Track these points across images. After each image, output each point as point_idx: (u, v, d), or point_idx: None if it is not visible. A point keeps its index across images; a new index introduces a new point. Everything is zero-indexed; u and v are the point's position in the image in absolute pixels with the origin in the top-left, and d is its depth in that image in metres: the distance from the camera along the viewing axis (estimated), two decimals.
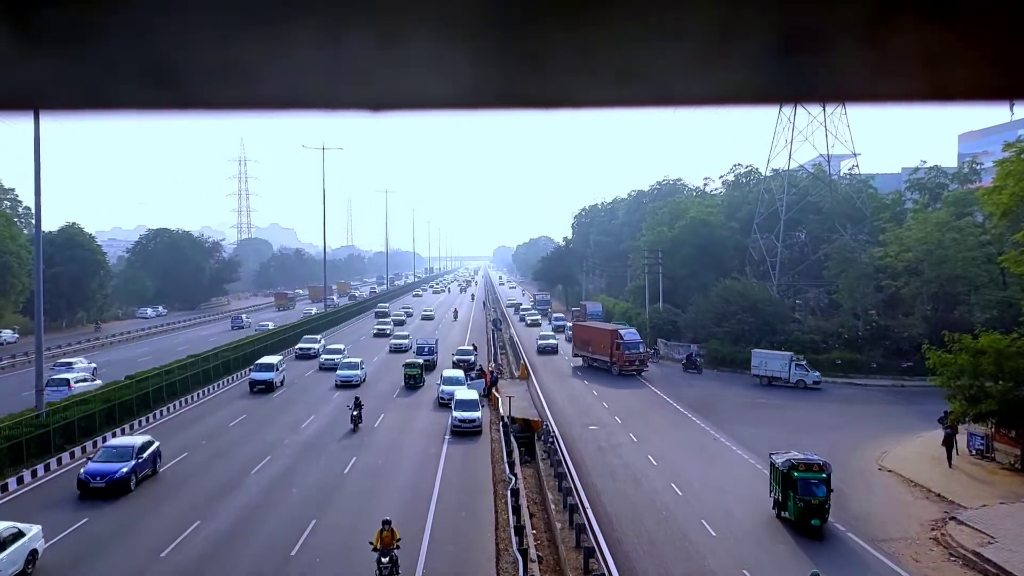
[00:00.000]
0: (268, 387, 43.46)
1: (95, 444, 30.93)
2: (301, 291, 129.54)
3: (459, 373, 42.91)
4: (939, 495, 26.00)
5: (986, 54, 0.82)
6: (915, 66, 0.83)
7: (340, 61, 0.83)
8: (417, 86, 0.86)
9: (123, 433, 32.94)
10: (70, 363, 48.85)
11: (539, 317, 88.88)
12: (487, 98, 0.86)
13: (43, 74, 0.84)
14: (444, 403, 37.66)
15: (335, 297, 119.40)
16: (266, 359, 46.96)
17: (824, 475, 22.30)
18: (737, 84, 0.85)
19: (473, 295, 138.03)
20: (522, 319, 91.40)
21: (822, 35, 0.81)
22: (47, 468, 27.61)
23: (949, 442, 30.25)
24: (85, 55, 0.83)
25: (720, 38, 0.81)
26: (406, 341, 61.24)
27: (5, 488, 25.27)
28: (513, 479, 24.87)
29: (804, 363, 47.96)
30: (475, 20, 0.80)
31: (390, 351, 60.03)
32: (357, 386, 43.79)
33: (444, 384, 39.93)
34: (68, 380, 40.49)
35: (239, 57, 0.83)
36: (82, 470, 24.97)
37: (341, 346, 57.58)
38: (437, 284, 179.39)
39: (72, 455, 29.35)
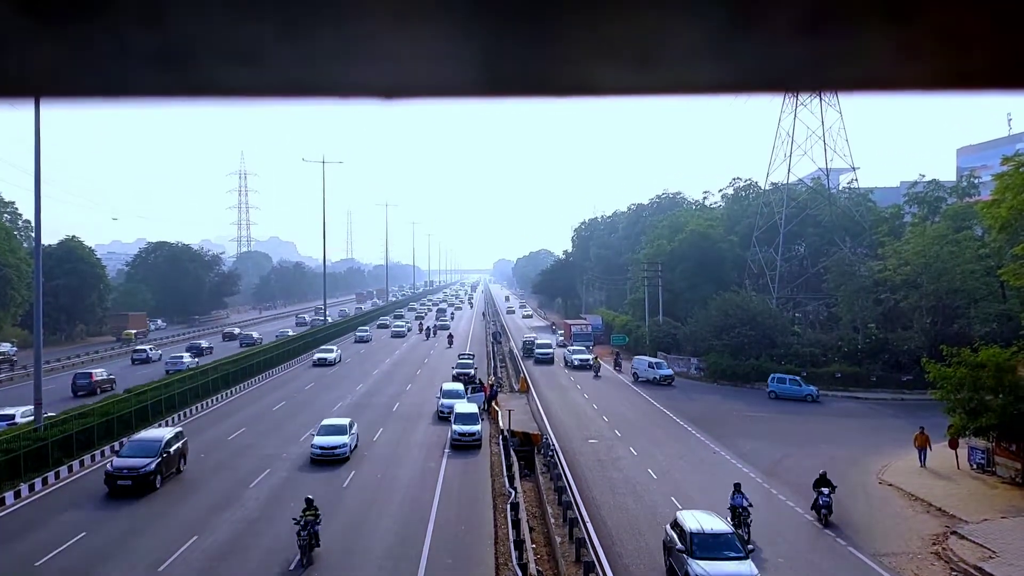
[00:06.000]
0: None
1: (93, 458, 30.91)
2: (372, 291, 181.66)
3: (459, 386, 42.83)
4: (940, 509, 25.90)
5: (1012, 37, 0.79)
6: (937, 50, 0.80)
7: (352, 45, 0.81)
8: (430, 72, 0.84)
9: (121, 447, 32.92)
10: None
11: (587, 355, 62.06)
12: (502, 84, 0.85)
13: (47, 58, 0.82)
14: (444, 417, 37.61)
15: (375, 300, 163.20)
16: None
17: None
18: (755, 70, 0.83)
19: (451, 336, 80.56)
20: (560, 361, 64.81)
21: (842, 18, 0.79)
22: (45, 482, 27.50)
23: (922, 442, 30.98)
24: (91, 37, 0.80)
25: (738, 22, 0.79)
26: None
27: (2, 502, 25.16)
28: (513, 493, 24.78)
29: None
30: (492, 2, 0.78)
31: None
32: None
33: (443, 398, 39.89)
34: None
35: (250, 40, 0.81)
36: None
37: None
38: (400, 321, 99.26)
39: (70, 469, 29.25)
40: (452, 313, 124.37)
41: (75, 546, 21.20)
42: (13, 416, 36.85)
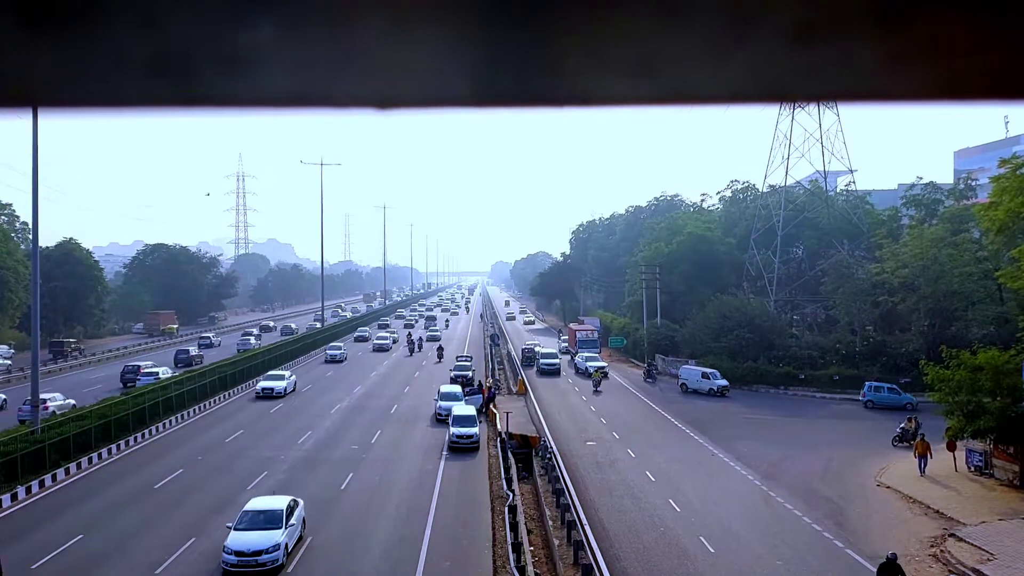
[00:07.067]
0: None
1: (90, 460, 30.85)
2: (377, 292, 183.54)
3: (457, 388, 42.81)
4: (938, 512, 25.90)
5: (1004, 47, 0.79)
6: (931, 61, 0.80)
7: (348, 56, 0.81)
8: (426, 82, 0.84)
9: (118, 450, 32.89)
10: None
11: (603, 362, 58.35)
12: (498, 95, 0.85)
13: (45, 68, 0.82)
14: (442, 419, 37.59)
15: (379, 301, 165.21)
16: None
17: None
18: (749, 80, 0.83)
19: (441, 348, 68.93)
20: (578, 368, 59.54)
21: (836, 29, 0.79)
22: (42, 484, 27.46)
23: (923, 450, 30.37)
24: (88, 48, 0.80)
25: (733, 33, 0.79)
26: None
27: None
28: (511, 495, 24.78)
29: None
30: (486, 14, 0.78)
31: None
32: None
33: (441, 400, 39.89)
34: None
35: (246, 51, 0.81)
36: None
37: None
38: (383, 332, 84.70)
39: (67, 471, 29.19)
40: (446, 320, 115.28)
41: (66, 553, 21.10)
42: (156, 373, 48.07)
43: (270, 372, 51.35)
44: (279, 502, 21.44)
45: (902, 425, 35.95)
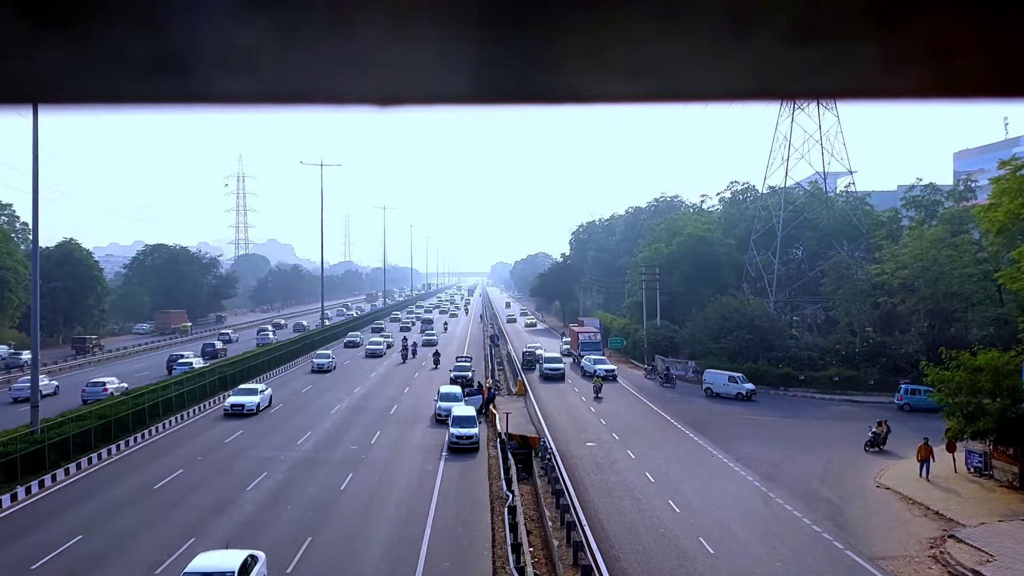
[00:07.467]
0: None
1: (90, 461, 30.85)
2: (379, 293, 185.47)
3: (456, 389, 42.82)
4: (938, 513, 25.91)
5: (1000, 46, 0.79)
6: (928, 59, 0.81)
7: (349, 53, 0.82)
8: (426, 80, 0.85)
9: (118, 450, 32.89)
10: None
11: (611, 365, 57.77)
12: (498, 92, 0.86)
13: (46, 65, 0.82)
14: (441, 420, 37.61)
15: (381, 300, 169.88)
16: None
17: None
18: (747, 78, 0.84)
19: (438, 354, 64.53)
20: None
21: (834, 28, 0.79)
22: (41, 485, 27.46)
23: (925, 454, 30.25)
24: (89, 45, 0.81)
25: (731, 32, 0.79)
26: None
27: None
28: (510, 496, 24.79)
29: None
30: (487, 13, 0.78)
31: None
32: None
33: (441, 400, 39.92)
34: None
35: (246, 49, 0.81)
36: None
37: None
38: (377, 336, 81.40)
39: (67, 472, 29.20)
40: (445, 323, 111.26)
41: (67, 552, 21.12)
42: (191, 363, 53.03)
43: (241, 386, 44.92)
44: (231, 560, 17.04)
45: (873, 429, 35.47)
